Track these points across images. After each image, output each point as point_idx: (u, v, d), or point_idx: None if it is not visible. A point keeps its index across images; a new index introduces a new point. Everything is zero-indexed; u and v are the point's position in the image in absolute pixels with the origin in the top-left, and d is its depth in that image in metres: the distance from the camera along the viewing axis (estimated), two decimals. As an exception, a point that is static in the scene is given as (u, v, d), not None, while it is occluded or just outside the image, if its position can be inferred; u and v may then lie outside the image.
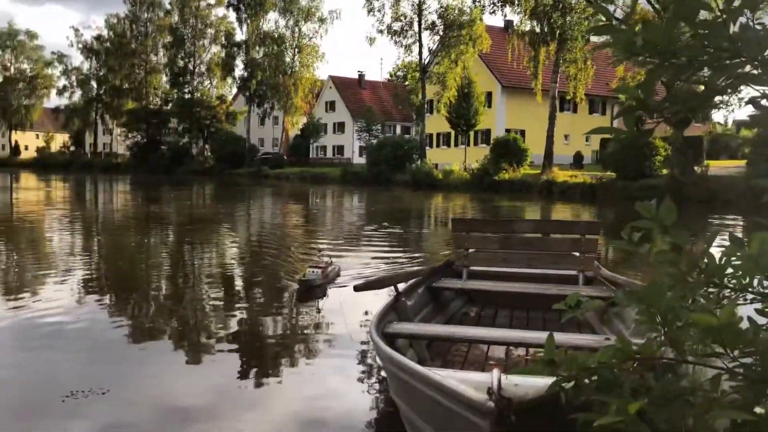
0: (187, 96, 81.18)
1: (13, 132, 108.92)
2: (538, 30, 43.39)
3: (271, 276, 10.63)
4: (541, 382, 2.32)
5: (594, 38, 2.39)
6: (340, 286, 9.01)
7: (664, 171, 33.18)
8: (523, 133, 51.13)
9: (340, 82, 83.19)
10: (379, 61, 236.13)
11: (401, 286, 5.40)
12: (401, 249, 13.98)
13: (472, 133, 53.96)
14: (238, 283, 9.68)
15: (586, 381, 1.60)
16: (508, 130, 49.93)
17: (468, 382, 2.47)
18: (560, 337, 4.01)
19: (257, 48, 72.79)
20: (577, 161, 48.03)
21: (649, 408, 1.51)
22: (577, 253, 6.47)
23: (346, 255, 12.29)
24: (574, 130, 57.24)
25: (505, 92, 58.48)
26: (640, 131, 1.70)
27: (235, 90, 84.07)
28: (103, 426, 4.44)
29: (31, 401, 4.96)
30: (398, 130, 78.26)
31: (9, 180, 51.91)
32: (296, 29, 71.50)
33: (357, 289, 5.38)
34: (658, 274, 1.68)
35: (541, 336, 4.36)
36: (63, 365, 5.90)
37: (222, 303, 8.41)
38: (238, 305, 8.25)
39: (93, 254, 14.00)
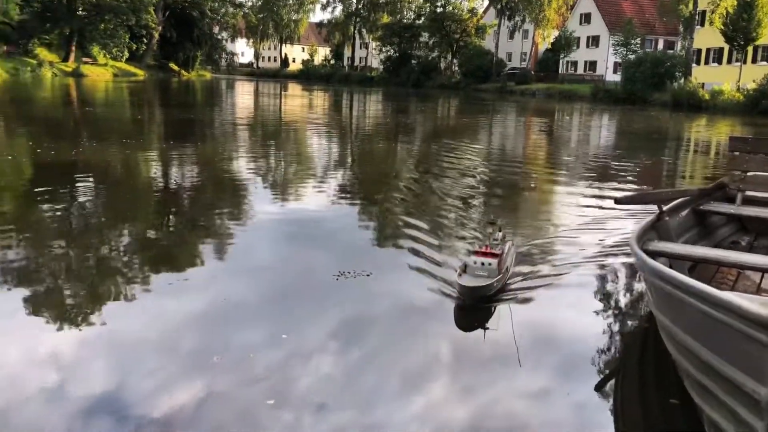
0: (438, 10, 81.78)
1: (283, 45, 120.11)
2: None
3: (506, 197, 10.64)
4: None
5: None
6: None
7: None
8: (817, 48, 43.48)
9: (598, -8, 77.23)
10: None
11: (665, 205, 5.05)
12: (649, 184, 12.91)
13: (750, 49, 47.12)
14: (475, 202, 9.81)
15: None
16: (798, 46, 42.70)
17: (749, 299, 2.33)
18: None
19: (512, -43, 70.28)
20: None
21: None
22: None
23: (580, 190, 11.45)
24: None
25: (799, 0, 49.70)
26: None
27: (485, 3, 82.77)
28: (375, 296, 5.33)
29: (310, 278, 5.83)
30: (660, 45, 71.12)
31: (279, 89, 57.70)
32: (555, -66, 67.40)
33: (618, 201, 5.30)
34: None
35: None
36: (326, 254, 6.67)
37: (457, 216, 8.59)
38: (468, 222, 8.30)
39: (346, 159, 15.15)
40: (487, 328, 4.67)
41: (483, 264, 5.10)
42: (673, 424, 3.51)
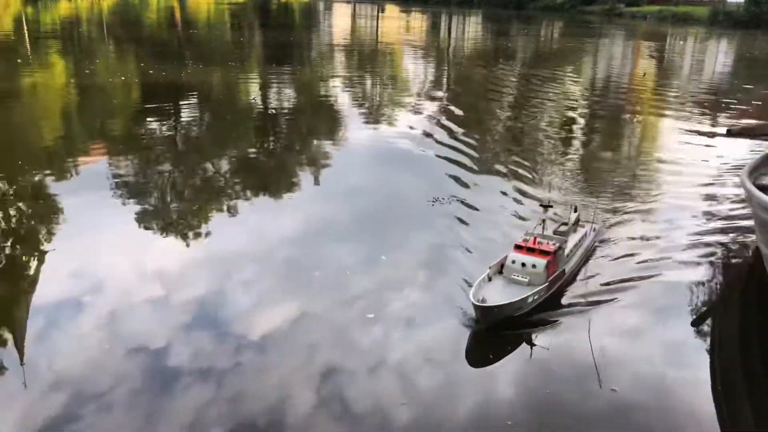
0: (545, -76, 76.68)
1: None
2: None
3: (605, 132, 10.29)
4: None
5: None
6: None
7: None
8: None
9: None
10: None
11: None
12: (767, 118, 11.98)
13: None
14: (576, 134, 9.52)
15: None
16: None
17: None
18: None
19: None
20: None
21: None
22: None
23: (690, 126, 10.57)
24: None
25: None
26: None
27: None
28: (470, 223, 5.61)
29: (406, 202, 6.06)
30: (794, -39, 64.18)
31: (377, 11, 56.80)
32: None
33: (731, 133, 5.07)
34: None
35: None
36: (421, 179, 6.83)
37: (551, 151, 8.38)
38: (561, 159, 8.07)
39: (442, 85, 14.96)
40: (535, 345, 3.55)
41: (524, 265, 3.59)
42: (772, 364, 3.46)
